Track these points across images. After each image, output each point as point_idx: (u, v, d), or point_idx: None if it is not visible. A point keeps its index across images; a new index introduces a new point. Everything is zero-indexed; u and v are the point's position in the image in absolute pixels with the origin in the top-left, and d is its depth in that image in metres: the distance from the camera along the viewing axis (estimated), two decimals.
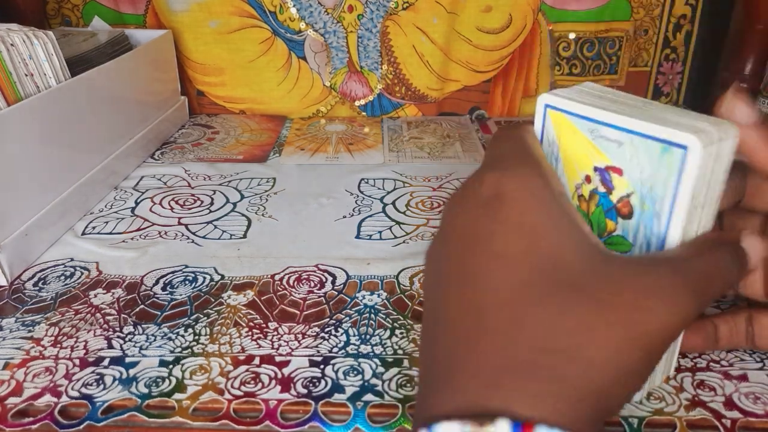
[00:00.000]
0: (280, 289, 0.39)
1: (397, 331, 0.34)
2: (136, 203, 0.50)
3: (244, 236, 0.45)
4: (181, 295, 0.38)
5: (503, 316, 0.18)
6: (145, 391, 0.30)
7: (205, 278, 0.40)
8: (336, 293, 0.38)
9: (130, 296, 0.38)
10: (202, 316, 0.36)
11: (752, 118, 0.23)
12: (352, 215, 0.48)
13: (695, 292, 0.18)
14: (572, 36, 0.69)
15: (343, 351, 0.33)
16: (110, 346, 0.33)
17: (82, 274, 0.41)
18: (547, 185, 0.20)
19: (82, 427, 0.28)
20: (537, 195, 0.20)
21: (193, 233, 0.46)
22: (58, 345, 0.33)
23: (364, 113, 0.73)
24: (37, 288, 0.39)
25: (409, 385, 0.30)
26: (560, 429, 0.16)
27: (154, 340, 0.34)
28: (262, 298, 0.38)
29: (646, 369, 0.18)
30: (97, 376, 0.31)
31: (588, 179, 0.24)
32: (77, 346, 0.33)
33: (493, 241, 0.20)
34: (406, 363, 0.32)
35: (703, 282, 0.19)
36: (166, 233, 0.46)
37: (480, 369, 0.18)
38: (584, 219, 0.22)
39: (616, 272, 0.19)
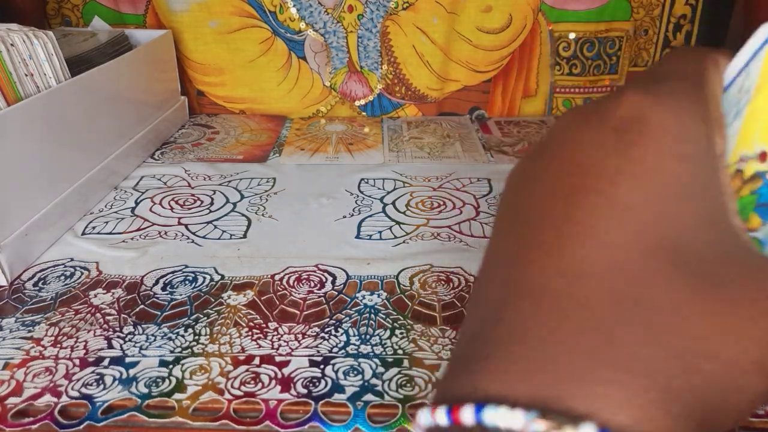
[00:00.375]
0: (280, 289, 0.39)
1: (397, 331, 0.34)
2: (136, 203, 0.50)
3: (244, 236, 0.45)
4: (181, 295, 0.38)
5: (610, 288, 0.14)
6: (145, 391, 0.30)
7: (205, 278, 0.40)
8: (336, 293, 0.38)
9: (130, 296, 0.38)
10: (202, 316, 0.36)
11: None
12: (352, 215, 0.48)
13: None
14: (572, 36, 0.69)
15: (343, 351, 0.33)
16: (110, 346, 0.33)
17: (82, 274, 0.41)
18: (707, 137, 0.15)
19: (82, 427, 0.28)
20: (689, 145, 0.15)
21: (193, 233, 0.46)
22: (58, 345, 0.33)
23: (364, 113, 0.73)
24: (37, 288, 0.39)
25: (409, 385, 0.31)
26: None
27: (154, 340, 0.34)
28: (262, 298, 0.38)
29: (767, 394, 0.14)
30: (97, 376, 0.31)
31: (763, 157, 0.17)
32: (77, 346, 0.33)
33: (619, 184, 0.14)
34: (406, 363, 0.32)
35: None
36: (166, 233, 0.46)
37: (564, 350, 0.13)
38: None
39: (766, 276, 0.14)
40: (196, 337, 0.34)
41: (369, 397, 0.30)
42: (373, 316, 0.36)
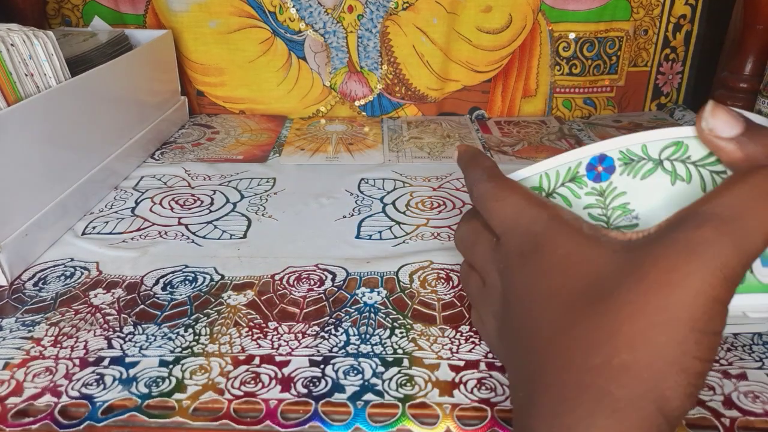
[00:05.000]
0: (280, 288, 0.39)
1: (397, 331, 0.34)
2: (136, 203, 0.50)
3: (244, 236, 0.45)
4: (181, 295, 0.38)
5: (550, 350, 0.20)
6: (145, 391, 0.30)
7: (205, 278, 0.40)
8: (336, 290, 0.38)
9: (130, 296, 0.38)
10: (202, 316, 0.36)
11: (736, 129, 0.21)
12: (352, 215, 0.48)
13: (733, 240, 0.17)
14: (572, 36, 0.69)
15: (343, 350, 0.33)
16: (110, 346, 0.33)
17: (82, 274, 0.41)
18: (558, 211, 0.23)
19: (82, 427, 0.28)
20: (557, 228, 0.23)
21: (193, 233, 0.46)
22: (58, 345, 0.33)
23: (364, 113, 0.73)
24: (38, 288, 0.39)
25: (409, 384, 0.31)
26: None
27: (154, 340, 0.34)
28: (262, 298, 0.38)
29: (694, 348, 0.17)
30: (97, 376, 0.31)
31: None
32: (77, 346, 0.33)
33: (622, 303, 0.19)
34: (405, 362, 0.32)
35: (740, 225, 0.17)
36: (166, 233, 0.46)
37: (543, 406, 0.19)
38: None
39: (634, 261, 0.19)
40: (196, 337, 0.34)
41: (369, 396, 0.30)
42: (372, 315, 0.36)
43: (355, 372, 0.31)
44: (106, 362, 0.32)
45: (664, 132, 0.22)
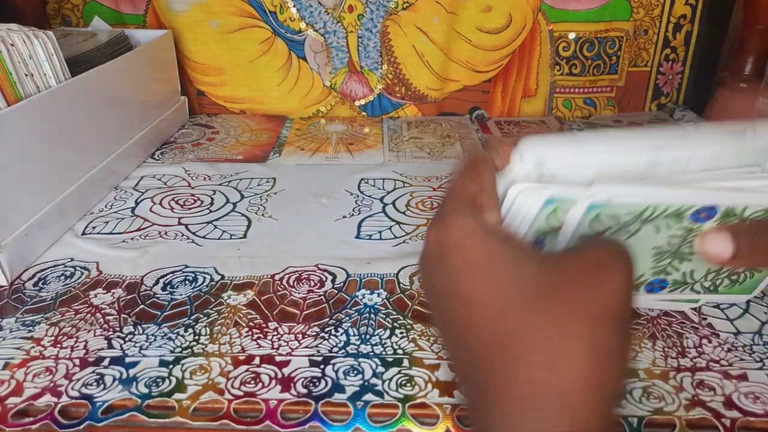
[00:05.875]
0: (280, 288, 0.39)
1: (397, 331, 0.34)
2: (136, 203, 0.50)
3: (244, 236, 0.45)
4: (181, 295, 0.38)
5: (477, 361, 0.20)
6: (145, 391, 0.30)
7: (205, 278, 0.40)
8: (336, 291, 0.38)
9: (130, 296, 0.38)
10: (202, 316, 0.36)
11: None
12: (352, 215, 0.48)
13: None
14: (572, 36, 0.69)
15: (343, 351, 0.33)
16: (110, 346, 0.33)
17: (82, 274, 0.41)
18: (478, 224, 0.23)
19: (82, 427, 0.28)
20: (471, 236, 0.23)
21: (193, 233, 0.46)
22: (58, 345, 0.33)
23: (364, 113, 0.73)
24: (38, 288, 0.39)
25: (409, 384, 0.30)
26: None
27: (154, 340, 0.34)
28: (262, 298, 0.38)
29: (616, 337, 0.19)
30: (97, 376, 0.31)
31: None
32: (77, 346, 0.33)
33: (455, 289, 0.22)
34: (405, 363, 0.32)
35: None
36: (166, 233, 0.46)
37: (484, 415, 0.19)
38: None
39: (555, 267, 0.20)
40: (196, 337, 0.34)
41: (369, 396, 0.30)
42: (373, 315, 0.36)
43: (355, 372, 0.31)
44: (106, 362, 0.32)
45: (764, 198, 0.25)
